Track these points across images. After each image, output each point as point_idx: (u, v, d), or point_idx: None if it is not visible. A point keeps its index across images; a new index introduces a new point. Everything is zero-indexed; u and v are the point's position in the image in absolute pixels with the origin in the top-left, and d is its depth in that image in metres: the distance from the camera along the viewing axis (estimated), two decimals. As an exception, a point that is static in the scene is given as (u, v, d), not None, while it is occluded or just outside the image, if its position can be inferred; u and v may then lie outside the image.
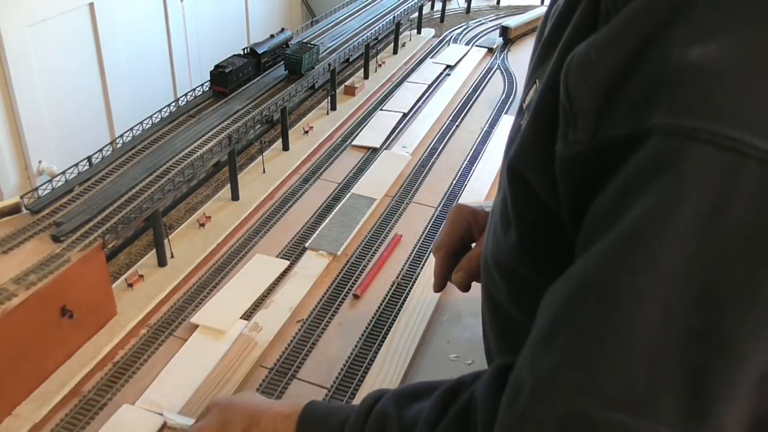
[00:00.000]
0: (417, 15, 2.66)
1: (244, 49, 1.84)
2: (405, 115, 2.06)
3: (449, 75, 2.37)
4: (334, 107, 2.06)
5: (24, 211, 1.22)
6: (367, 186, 1.68)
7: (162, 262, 1.36)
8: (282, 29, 1.99)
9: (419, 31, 2.70)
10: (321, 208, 1.61)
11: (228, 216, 1.54)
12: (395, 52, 2.49)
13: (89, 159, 1.37)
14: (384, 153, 1.85)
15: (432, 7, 3.01)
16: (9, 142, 2.13)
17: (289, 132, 1.84)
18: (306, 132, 1.92)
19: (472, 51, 2.56)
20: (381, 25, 2.29)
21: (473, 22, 2.91)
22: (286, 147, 1.83)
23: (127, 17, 2.51)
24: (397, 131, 1.97)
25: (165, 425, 1.03)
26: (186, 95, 1.69)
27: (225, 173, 1.66)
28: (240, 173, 1.66)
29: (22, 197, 1.23)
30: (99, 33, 2.38)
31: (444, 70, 2.39)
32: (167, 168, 1.39)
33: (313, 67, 1.90)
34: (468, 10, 3.03)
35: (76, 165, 1.34)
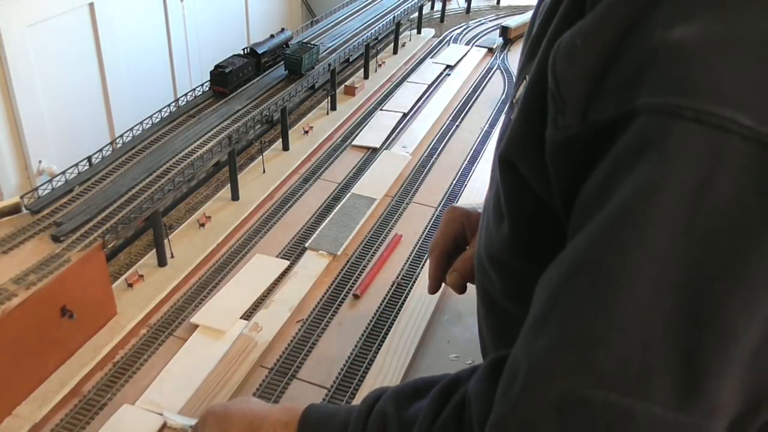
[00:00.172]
0: (417, 15, 2.66)
1: (244, 49, 1.84)
2: (405, 115, 2.06)
3: (449, 75, 2.37)
4: (334, 107, 2.06)
5: (24, 211, 1.22)
6: (367, 186, 1.68)
7: (162, 262, 1.36)
8: (282, 29, 1.99)
9: (419, 31, 2.70)
10: (321, 208, 1.61)
11: (228, 216, 1.54)
12: (395, 52, 2.49)
13: (89, 159, 1.38)
14: (384, 153, 1.85)
15: (432, 7, 3.01)
16: (9, 142, 2.13)
17: (289, 132, 1.85)
18: (306, 132, 1.92)
19: (472, 51, 2.56)
20: (381, 25, 2.29)
21: (473, 22, 2.91)
22: (286, 147, 1.83)
23: (127, 17, 2.51)
24: (397, 131, 1.97)
25: (165, 425, 1.03)
26: (186, 95, 1.69)
27: (225, 173, 1.66)
28: (240, 173, 1.66)
29: (22, 197, 1.23)
30: (99, 33, 2.38)
31: (444, 70, 2.39)
32: (167, 168, 1.39)
33: (313, 67, 1.90)
34: (468, 10, 3.03)
35: (76, 165, 1.34)
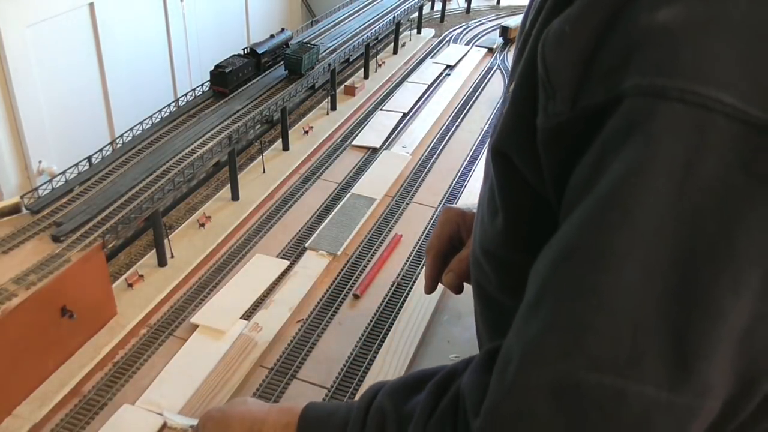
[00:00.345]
0: (417, 15, 2.66)
1: (244, 49, 1.84)
2: (405, 115, 2.06)
3: (449, 75, 2.37)
4: (334, 107, 2.06)
5: (24, 211, 1.22)
6: (367, 186, 1.68)
7: (162, 262, 1.36)
8: (282, 29, 1.99)
9: (419, 31, 2.70)
10: (321, 208, 1.61)
11: (228, 216, 1.54)
12: (395, 52, 2.49)
13: (89, 159, 1.38)
14: (384, 153, 1.85)
15: (432, 7, 3.01)
16: (9, 142, 2.13)
17: (289, 132, 1.84)
18: (306, 132, 1.92)
19: (472, 51, 2.56)
20: (381, 25, 2.29)
21: (473, 22, 2.91)
22: (286, 147, 1.83)
23: (127, 17, 2.51)
24: (397, 131, 1.97)
25: (165, 425, 1.03)
26: (186, 95, 1.69)
27: (225, 173, 1.66)
28: (240, 173, 1.66)
29: (22, 197, 1.23)
30: (99, 33, 2.38)
31: (444, 70, 2.39)
32: (167, 168, 1.39)
33: (313, 67, 1.90)
34: (468, 10, 3.03)
35: (76, 165, 1.34)
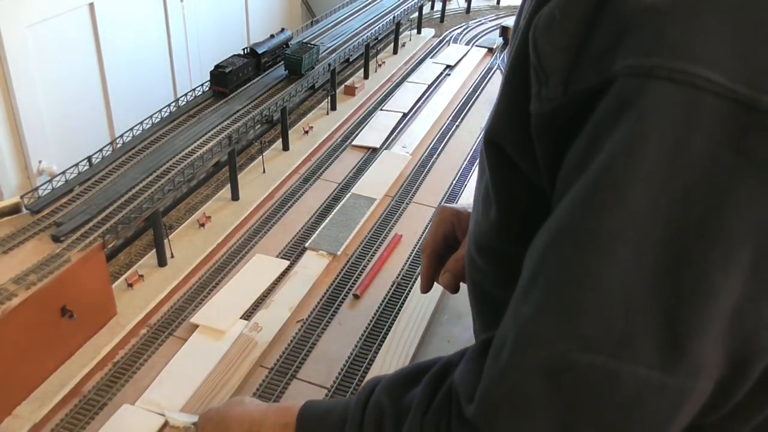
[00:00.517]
0: (417, 15, 2.66)
1: (244, 49, 1.84)
2: (405, 115, 2.06)
3: (449, 75, 2.37)
4: (334, 107, 2.06)
5: (24, 211, 1.22)
6: (367, 186, 1.68)
7: (162, 262, 1.36)
8: (282, 29, 1.99)
9: (419, 31, 2.70)
10: (321, 208, 1.61)
11: (228, 216, 1.54)
12: (395, 52, 2.49)
13: (89, 159, 1.38)
14: (384, 153, 1.85)
15: (432, 7, 3.01)
16: (9, 142, 2.13)
17: (289, 132, 1.84)
18: (306, 132, 1.92)
19: (472, 51, 2.56)
20: (381, 25, 2.29)
21: (473, 22, 2.91)
22: (286, 147, 1.83)
23: (127, 17, 2.51)
24: (397, 131, 1.97)
25: (165, 425, 1.03)
26: (186, 95, 1.69)
27: (225, 173, 1.66)
28: (240, 173, 1.66)
29: (22, 197, 1.23)
30: (99, 33, 2.38)
31: (444, 70, 2.39)
32: (167, 168, 1.39)
33: (313, 67, 1.90)
34: (468, 10, 3.03)
35: (76, 165, 1.34)
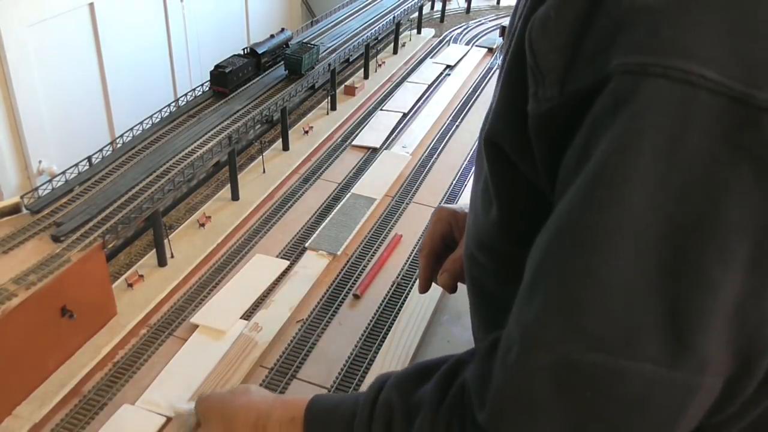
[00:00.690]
0: (417, 15, 2.66)
1: (244, 49, 1.84)
2: (405, 115, 2.06)
3: (449, 75, 2.37)
4: (334, 107, 2.06)
5: (24, 211, 1.22)
6: (367, 186, 1.68)
7: (162, 262, 1.36)
8: (282, 29, 1.99)
9: (419, 31, 2.70)
10: (321, 208, 1.61)
11: (228, 216, 1.54)
12: (395, 52, 2.49)
13: (89, 159, 1.38)
14: (384, 153, 1.85)
15: (432, 7, 3.01)
16: (9, 142, 2.13)
17: (289, 132, 1.84)
18: (306, 132, 1.92)
19: (472, 51, 2.56)
20: (381, 25, 2.29)
21: (473, 22, 2.91)
22: (286, 147, 1.83)
23: (127, 17, 2.51)
24: (397, 131, 1.97)
25: (165, 425, 1.03)
26: (186, 95, 1.69)
27: (225, 173, 1.66)
28: (240, 173, 1.66)
29: (22, 197, 1.23)
30: (99, 33, 2.39)
31: (444, 70, 2.39)
32: (167, 168, 1.39)
33: (313, 67, 1.90)
34: (468, 10, 3.03)
35: (76, 165, 1.34)
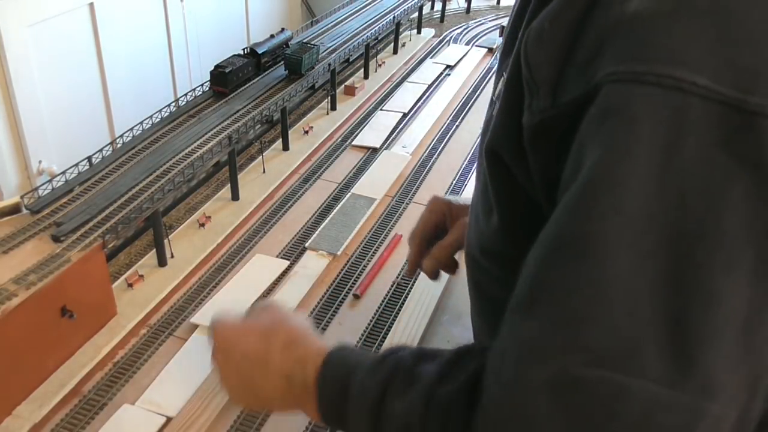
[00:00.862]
0: (417, 15, 2.66)
1: (244, 49, 1.84)
2: (405, 115, 2.06)
3: (449, 75, 2.37)
4: (334, 107, 2.06)
5: (24, 211, 1.22)
6: (367, 186, 1.68)
7: (162, 262, 1.36)
8: (282, 29, 1.99)
9: (419, 31, 2.70)
10: (321, 208, 1.61)
11: (228, 216, 1.54)
12: (395, 52, 2.49)
13: (89, 159, 1.38)
14: (384, 153, 1.85)
15: (432, 7, 3.01)
16: (9, 142, 2.13)
17: (289, 132, 1.84)
18: (306, 132, 1.92)
19: (472, 51, 2.56)
20: (381, 25, 2.29)
21: (473, 22, 2.91)
22: (286, 147, 1.83)
23: (127, 17, 2.51)
24: (397, 131, 1.97)
25: (165, 425, 1.03)
26: (186, 95, 1.69)
27: (225, 173, 1.66)
28: (240, 173, 1.66)
29: (22, 197, 1.23)
30: (99, 33, 2.39)
31: (444, 70, 2.39)
32: (167, 168, 1.39)
33: (313, 67, 1.90)
34: (468, 10, 3.03)
35: (76, 165, 1.34)
